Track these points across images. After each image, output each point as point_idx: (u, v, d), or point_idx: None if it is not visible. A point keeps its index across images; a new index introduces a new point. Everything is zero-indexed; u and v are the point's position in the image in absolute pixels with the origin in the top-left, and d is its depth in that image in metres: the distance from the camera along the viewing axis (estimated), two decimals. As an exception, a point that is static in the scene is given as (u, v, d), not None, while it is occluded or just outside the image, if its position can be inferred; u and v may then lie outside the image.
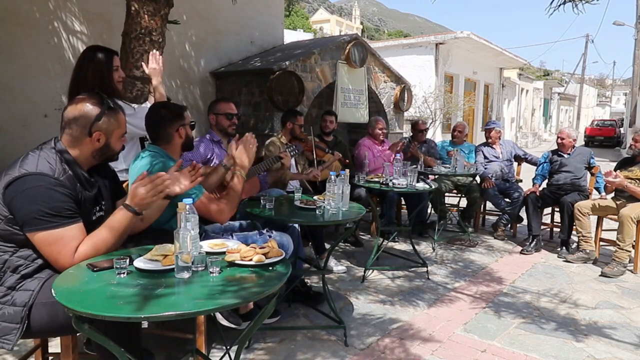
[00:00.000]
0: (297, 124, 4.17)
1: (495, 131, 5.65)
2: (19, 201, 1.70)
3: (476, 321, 3.18)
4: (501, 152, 5.61)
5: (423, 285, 3.84)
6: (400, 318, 3.18)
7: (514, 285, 3.90)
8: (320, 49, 5.69)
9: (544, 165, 5.14)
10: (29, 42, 4.31)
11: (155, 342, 2.68)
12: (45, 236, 1.72)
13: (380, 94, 6.65)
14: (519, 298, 3.62)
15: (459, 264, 4.43)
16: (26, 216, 1.71)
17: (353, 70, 6.05)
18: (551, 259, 4.65)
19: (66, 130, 1.87)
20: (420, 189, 3.93)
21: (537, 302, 3.56)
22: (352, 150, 5.40)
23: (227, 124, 3.34)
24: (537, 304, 3.52)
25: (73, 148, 1.87)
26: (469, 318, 3.22)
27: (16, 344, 1.73)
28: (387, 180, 3.97)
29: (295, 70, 5.32)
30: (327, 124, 4.95)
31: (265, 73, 5.18)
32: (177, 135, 2.40)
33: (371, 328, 3.02)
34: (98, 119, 1.88)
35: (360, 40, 6.18)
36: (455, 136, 5.79)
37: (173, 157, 2.39)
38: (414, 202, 4.98)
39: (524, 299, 3.60)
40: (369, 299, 3.51)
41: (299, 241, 3.16)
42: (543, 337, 2.98)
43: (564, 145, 4.96)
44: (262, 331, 2.86)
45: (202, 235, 2.36)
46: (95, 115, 1.87)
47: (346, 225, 4.19)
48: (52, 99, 4.44)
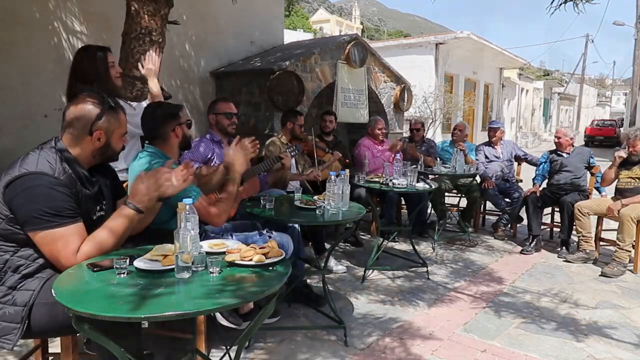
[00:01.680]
0: (298, 124, 4.18)
1: (500, 131, 5.65)
2: (19, 200, 1.70)
3: (476, 321, 3.18)
4: (502, 152, 5.61)
5: (423, 285, 3.84)
6: (401, 318, 3.19)
7: (514, 285, 3.90)
8: (320, 49, 5.70)
9: (544, 165, 5.14)
10: (29, 43, 4.31)
11: (155, 342, 2.69)
12: (46, 235, 1.72)
13: (380, 94, 6.65)
14: (519, 298, 3.62)
15: (459, 264, 4.43)
16: (27, 215, 1.71)
17: (353, 70, 6.05)
18: (551, 259, 4.65)
19: (67, 129, 1.87)
20: (420, 189, 3.93)
21: (537, 302, 3.56)
22: (352, 150, 5.41)
23: (227, 123, 3.34)
24: (537, 304, 3.52)
25: (74, 147, 1.87)
26: (469, 318, 3.22)
27: (16, 343, 1.73)
28: (387, 180, 3.97)
29: (295, 70, 5.32)
30: (327, 123, 4.95)
31: (265, 73, 5.18)
32: (173, 134, 2.39)
33: (371, 328, 3.02)
34: (99, 118, 1.88)
35: (360, 41, 6.18)
36: (455, 134, 5.78)
37: (170, 157, 2.38)
38: (414, 202, 4.98)
39: (524, 299, 3.60)
40: (369, 298, 3.51)
41: (299, 241, 3.16)
42: (543, 337, 2.98)
43: (561, 144, 4.96)
44: (262, 331, 2.86)
45: (201, 236, 2.35)
46: (96, 114, 1.87)
47: (346, 225, 4.19)
48: (52, 99, 4.44)
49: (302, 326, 3.02)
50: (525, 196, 5.06)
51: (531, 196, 4.94)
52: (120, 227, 1.82)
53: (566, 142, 4.95)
